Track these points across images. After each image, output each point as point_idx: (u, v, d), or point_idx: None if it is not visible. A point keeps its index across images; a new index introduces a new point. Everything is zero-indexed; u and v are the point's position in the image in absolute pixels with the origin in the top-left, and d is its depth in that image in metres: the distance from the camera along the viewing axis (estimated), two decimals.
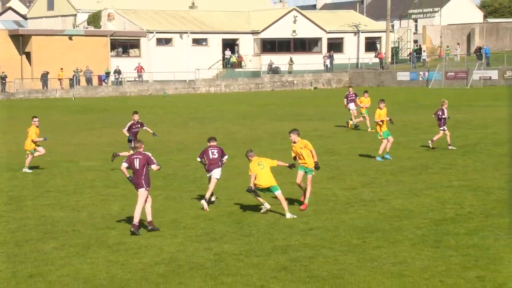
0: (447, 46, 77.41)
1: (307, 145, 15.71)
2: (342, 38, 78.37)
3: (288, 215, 15.00)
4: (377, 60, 74.05)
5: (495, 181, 18.09)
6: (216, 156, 16.29)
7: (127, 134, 22.33)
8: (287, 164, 15.71)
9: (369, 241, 12.72)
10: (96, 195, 18.28)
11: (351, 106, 32.55)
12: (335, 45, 77.38)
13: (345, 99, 33.09)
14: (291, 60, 72.41)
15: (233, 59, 72.58)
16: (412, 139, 27.08)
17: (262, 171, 15.14)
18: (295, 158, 15.98)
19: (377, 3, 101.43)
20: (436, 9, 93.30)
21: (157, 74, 66.41)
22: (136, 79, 66.60)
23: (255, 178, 15.12)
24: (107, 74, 65.06)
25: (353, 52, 78.12)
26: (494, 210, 14.83)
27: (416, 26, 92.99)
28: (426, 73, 65.17)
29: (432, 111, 26.56)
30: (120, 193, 18.40)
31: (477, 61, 63.59)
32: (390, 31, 77.41)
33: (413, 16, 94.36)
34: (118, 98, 59.66)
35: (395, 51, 78.93)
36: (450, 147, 23.95)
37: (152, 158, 14.26)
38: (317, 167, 15.88)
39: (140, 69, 66.11)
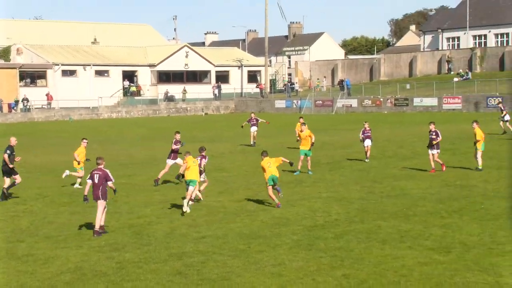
0: (318, 79, 79.81)
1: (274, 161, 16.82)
2: (228, 71, 79.34)
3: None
4: (258, 90, 75.61)
5: (357, 193, 18.68)
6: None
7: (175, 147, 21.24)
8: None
9: (253, 246, 12.78)
10: (6, 212, 17.38)
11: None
12: (222, 77, 78.19)
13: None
14: (184, 89, 72.81)
15: (133, 88, 72.23)
16: (289, 157, 27.49)
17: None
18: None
19: (256, 42, 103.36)
20: (305, 47, 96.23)
21: (63, 102, 65.30)
22: (44, 106, 65.19)
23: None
24: (16, 102, 63.64)
25: (237, 83, 79.16)
26: (356, 217, 15.30)
27: (289, 61, 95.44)
28: (299, 101, 66.87)
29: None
30: (29, 209, 17.59)
31: (340, 92, 65.93)
32: (268, 66, 79.04)
33: (287, 53, 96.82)
34: (26, 123, 58.38)
35: (273, 82, 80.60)
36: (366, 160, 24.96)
37: (110, 175, 14.26)
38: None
39: (50, 97, 65.04)
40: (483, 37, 74.07)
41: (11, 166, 18.81)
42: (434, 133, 21.65)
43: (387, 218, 14.93)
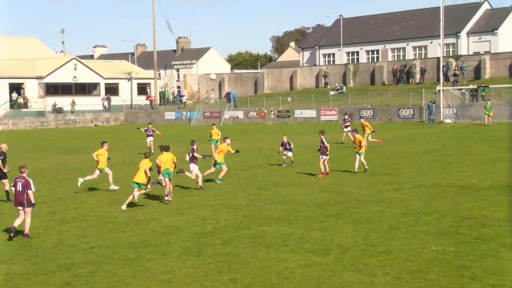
0: (207, 91, 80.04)
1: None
2: (117, 83, 77.59)
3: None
4: (148, 102, 74.55)
5: (243, 200, 18.85)
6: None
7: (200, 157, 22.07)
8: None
9: (143, 255, 12.52)
10: None
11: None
12: (112, 89, 76.35)
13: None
14: (73, 101, 70.35)
15: (20, 100, 68.82)
16: (179, 166, 27.29)
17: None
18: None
19: (145, 55, 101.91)
20: (193, 61, 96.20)
21: None
22: None
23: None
24: None
25: (127, 95, 77.58)
26: (243, 224, 15.42)
27: (178, 74, 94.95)
28: (188, 113, 66.69)
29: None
30: None
31: (227, 104, 66.54)
32: (158, 78, 78.21)
33: (175, 67, 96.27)
34: None
35: (162, 94, 79.82)
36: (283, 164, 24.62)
37: (31, 184, 14.18)
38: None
39: None
40: (355, 54, 77.64)
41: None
42: (321, 142, 22.59)
43: (271, 223, 15.17)
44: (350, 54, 77.88)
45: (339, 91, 66.07)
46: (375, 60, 74.30)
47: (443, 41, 55.56)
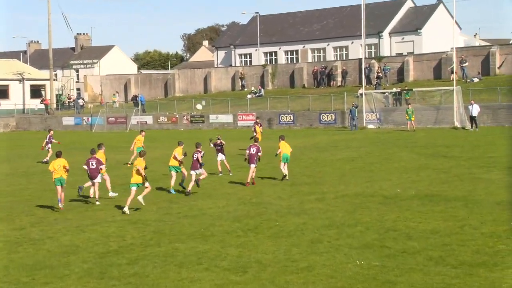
0: (114, 94, 78.63)
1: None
2: (7, 85, 74.81)
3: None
4: (43, 106, 72.05)
5: (153, 214, 18.63)
6: (95, 166, 20.29)
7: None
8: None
9: (38, 278, 12.11)
10: None
11: None
12: (1, 92, 73.35)
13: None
14: None
15: None
16: (76, 179, 26.64)
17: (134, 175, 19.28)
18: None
19: (39, 54, 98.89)
20: (95, 60, 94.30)
21: None
22: None
23: None
24: None
25: (19, 98, 74.83)
26: (152, 241, 15.23)
27: (78, 75, 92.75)
28: (90, 118, 65.17)
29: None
30: None
31: (134, 108, 65.57)
32: (54, 80, 76.00)
33: (74, 66, 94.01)
34: None
35: (59, 97, 77.61)
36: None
37: None
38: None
39: None
40: (274, 54, 78.73)
41: None
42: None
43: (184, 240, 15.08)
44: (268, 55, 78.92)
45: (257, 94, 66.81)
46: (295, 61, 75.65)
47: (364, 41, 57.41)
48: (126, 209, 18.85)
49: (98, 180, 20.67)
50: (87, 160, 20.88)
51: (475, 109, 44.82)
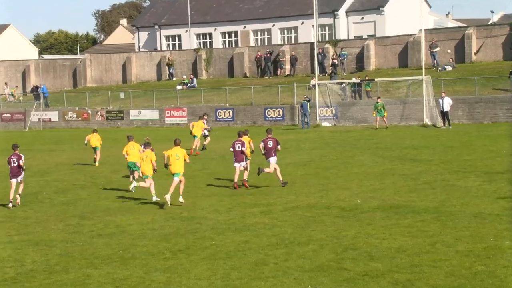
0: (16, 86, 77.02)
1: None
2: None
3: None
4: None
5: (59, 233, 18.36)
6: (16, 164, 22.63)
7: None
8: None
9: None
10: None
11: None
12: None
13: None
14: None
15: None
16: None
17: (177, 160, 21.94)
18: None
19: None
20: None
21: None
22: None
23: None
24: None
25: None
26: (58, 266, 14.99)
27: None
28: None
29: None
30: None
31: (35, 102, 64.39)
32: None
33: None
34: None
35: None
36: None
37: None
38: None
39: None
40: (208, 36, 78.63)
41: None
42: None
43: (98, 264, 14.92)
44: (201, 37, 78.85)
45: (189, 85, 66.67)
46: (234, 45, 75.86)
47: (317, 21, 58.05)
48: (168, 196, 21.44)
49: (20, 178, 22.88)
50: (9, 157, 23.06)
51: (447, 103, 45.92)
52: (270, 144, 25.18)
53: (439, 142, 37.00)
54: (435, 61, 59.96)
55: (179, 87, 65.44)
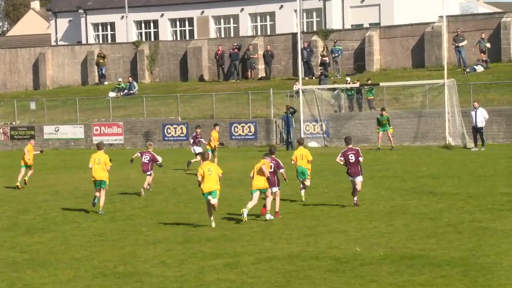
0: None
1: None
2: None
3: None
4: None
5: None
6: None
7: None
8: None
9: None
10: None
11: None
12: None
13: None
14: None
15: None
16: None
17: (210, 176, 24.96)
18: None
19: None
20: None
21: None
22: None
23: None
24: None
25: None
26: None
27: None
28: None
29: None
30: None
31: None
32: None
33: None
34: None
35: None
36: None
37: None
38: None
39: None
40: (152, 25, 78.37)
41: None
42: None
43: None
44: (143, 25, 78.54)
45: (126, 91, 66.34)
46: (188, 37, 75.46)
47: (301, 4, 58.17)
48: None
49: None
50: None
51: (481, 116, 46.06)
52: (352, 158, 28.07)
53: (467, 170, 37.22)
54: (461, 59, 60.28)
55: (112, 94, 65.19)
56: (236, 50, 68.20)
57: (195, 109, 58.96)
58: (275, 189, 26.79)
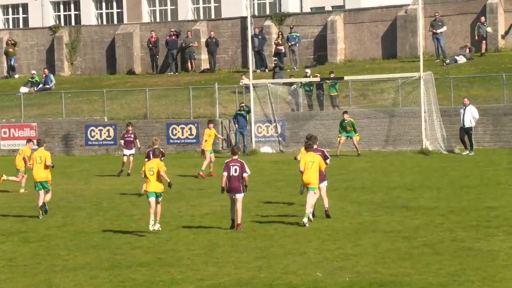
0: None
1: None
2: None
3: None
4: None
5: None
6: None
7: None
8: None
9: None
10: None
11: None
12: None
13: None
14: None
15: None
16: None
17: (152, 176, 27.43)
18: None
19: None
20: None
21: None
22: None
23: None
24: None
25: None
26: None
27: None
28: None
29: None
30: None
31: None
32: None
33: None
34: None
35: None
36: None
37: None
38: None
39: None
40: (73, 6, 77.90)
41: None
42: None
43: None
44: (62, 7, 78.04)
45: (41, 85, 65.85)
46: (116, 21, 75.12)
47: None
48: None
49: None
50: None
51: (470, 115, 46.31)
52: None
53: (447, 179, 37.51)
54: (439, 49, 60.53)
55: (24, 89, 64.77)
56: (174, 37, 67.98)
57: (125, 107, 58.75)
58: (240, 195, 27.62)
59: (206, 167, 42.18)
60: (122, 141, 45.17)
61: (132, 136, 44.49)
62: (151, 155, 29.85)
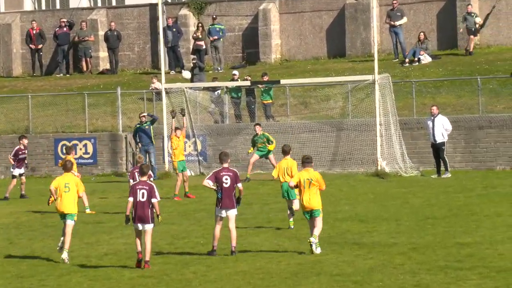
0: None
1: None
2: None
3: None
4: None
5: None
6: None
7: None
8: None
9: None
10: None
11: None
12: None
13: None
14: None
15: None
16: None
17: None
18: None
19: None
20: None
21: None
22: None
23: None
24: None
25: None
26: None
27: None
28: None
29: None
30: None
31: None
32: None
33: None
34: None
35: None
36: None
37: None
38: None
39: None
40: None
41: None
42: None
43: None
44: None
45: None
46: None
47: None
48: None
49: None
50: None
51: (441, 127, 46.64)
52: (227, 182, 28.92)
53: (408, 209, 37.89)
54: (398, 45, 60.88)
55: None
56: (64, 28, 67.71)
57: (1, 119, 58.56)
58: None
59: (180, 187, 42.84)
60: (13, 159, 45.15)
61: (26, 152, 44.05)
62: (137, 175, 30.42)
